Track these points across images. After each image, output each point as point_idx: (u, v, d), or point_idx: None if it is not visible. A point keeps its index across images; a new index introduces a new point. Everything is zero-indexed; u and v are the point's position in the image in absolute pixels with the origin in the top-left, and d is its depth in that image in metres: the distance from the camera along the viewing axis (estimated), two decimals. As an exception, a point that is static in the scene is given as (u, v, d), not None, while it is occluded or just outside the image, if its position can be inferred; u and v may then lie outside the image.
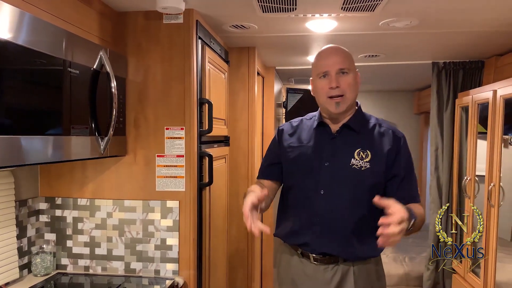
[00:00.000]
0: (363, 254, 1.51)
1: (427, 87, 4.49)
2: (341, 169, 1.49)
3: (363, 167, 1.48)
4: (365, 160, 1.48)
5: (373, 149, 1.50)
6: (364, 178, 1.47)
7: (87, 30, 1.64)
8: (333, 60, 1.50)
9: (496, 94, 2.40)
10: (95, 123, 1.56)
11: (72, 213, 1.91)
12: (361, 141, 1.52)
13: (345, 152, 1.51)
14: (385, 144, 1.51)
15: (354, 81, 1.51)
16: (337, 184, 1.49)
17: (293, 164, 1.59)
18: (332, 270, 1.52)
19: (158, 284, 1.81)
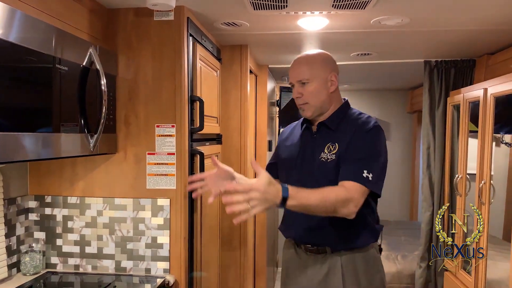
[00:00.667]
0: (347, 245, 1.58)
1: (420, 86, 4.50)
2: (312, 163, 1.60)
3: (329, 159, 1.56)
4: (332, 153, 1.57)
5: (341, 142, 1.57)
6: (328, 169, 1.55)
7: (77, 27, 1.63)
8: (295, 73, 1.63)
9: (486, 92, 2.41)
10: (84, 121, 1.55)
11: (62, 211, 1.90)
12: (333, 135, 1.61)
13: (320, 148, 1.61)
14: (350, 135, 1.56)
15: (317, 89, 1.60)
16: (309, 177, 1.59)
17: (282, 162, 1.75)
18: (320, 260, 1.61)
19: (149, 282, 1.80)
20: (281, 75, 4.07)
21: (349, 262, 1.58)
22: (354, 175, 1.48)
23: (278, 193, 1.31)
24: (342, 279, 1.57)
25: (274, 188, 1.30)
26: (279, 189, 1.31)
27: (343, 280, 1.57)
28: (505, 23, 2.13)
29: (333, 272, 1.58)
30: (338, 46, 2.72)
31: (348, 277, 1.57)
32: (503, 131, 3.17)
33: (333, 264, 1.59)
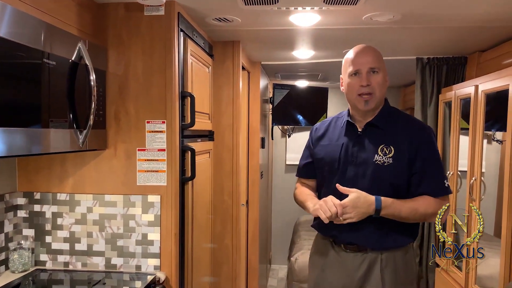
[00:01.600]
0: (387, 244, 1.61)
1: (412, 83, 4.51)
2: (365, 164, 1.59)
3: (386, 162, 1.56)
4: (388, 156, 1.57)
5: (396, 144, 1.57)
6: (387, 172, 1.56)
7: (66, 21, 1.61)
8: (365, 59, 1.59)
9: (477, 89, 2.42)
10: (73, 116, 1.53)
11: (51, 208, 1.88)
12: (385, 137, 1.60)
13: (370, 148, 1.60)
14: (408, 139, 1.58)
15: (383, 80, 1.60)
16: (361, 179, 1.59)
17: (322, 162, 1.71)
18: (360, 257, 1.62)
19: (139, 279, 1.79)
20: (274, 72, 4.06)
21: (388, 260, 1.61)
22: (440, 189, 1.59)
23: (371, 206, 1.51)
24: (381, 276, 1.60)
25: (365, 201, 1.50)
26: (371, 202, 1.51)
27: (382, 277, 1.60)
28: (496, 20, 2.14)
29: (373, 269, 1.61)
30: (330, 42, 2.72)
31: (387, 274, 1.60)
32: (495, 129, 3.19)
33: (372, 261, 1.61)
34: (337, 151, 1.66)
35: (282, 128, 4.96)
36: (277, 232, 4.99)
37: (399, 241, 1.62)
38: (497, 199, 3.28)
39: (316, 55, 3.11)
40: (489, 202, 2.98)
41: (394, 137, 1.59)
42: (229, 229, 2.76)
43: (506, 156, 2.05)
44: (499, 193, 3.33)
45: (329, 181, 1.66)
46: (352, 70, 1.60)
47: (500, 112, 2.27)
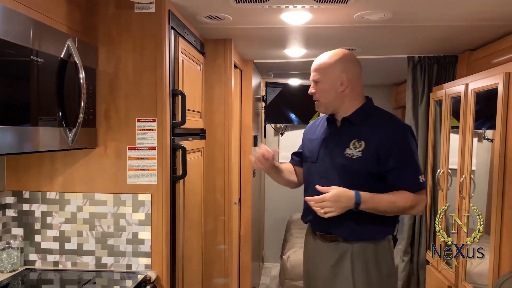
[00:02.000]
0: (359, 236, 1.70)
1: (404, 82, 4.53)
2: (337, 157, 1.72)
3: (354, 155, 1.67)
4: (358, 150, 1.67)
5: (368, 139, 1.67)
6: (354, 165, 1.67)
7: (55, 18, 1.59)
8: (312, 71, 1.78)
9: (467, 87, 2.44)
10: (63, 114, 1.52)
11: (41, 207, 1.86)
12: (359, 132, 1.71)
13: (343, 142, 1.72)
14: (380, 135, 1.67)
15: (326, 88, 1.74)
16: (333, 170, 1.72)
17: (305, 154, 1.89)
18: (334, 247, 1.73)
19: (130, 278, 1.78)
20: (266, 70, 4.06)
21: (359, 251, 1.70)
22: (416, 185, 1.68)
23: (351, 200, 1.61)
24: (351, 267, 1.69)
25: (345, 196, 1.61)
26: (351, 197, 1.61)
27: (352, 268, 1.69)
28: (486, 19, 2.16)
29: (343, 260, 1.71)
30: (322, 41, 2.72)
31: (358, 266, 1.69)
32: (485, 127, 3.22)
33: (343, 252, 1.71)
34: (318, 144, 1.81)
35: (275, 126, 4.96)
36: (269, 230, 5.00)
37: (371, 234, 1.71)
38: (487, 197, 3.31)
39: (308, 54, 3.11)
40: (479, 200, 3.01)
41: (368, 133, 1.69)
42: (221, 227, 2.75)
43: (495, 154, 2.07)
44: (489, 191, 3.36)
45: (308, 170, 1.86)
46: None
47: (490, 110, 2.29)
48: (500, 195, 2.05)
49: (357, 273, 1.69)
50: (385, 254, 1.75)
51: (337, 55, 1.75)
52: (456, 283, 2.53)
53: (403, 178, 1.67)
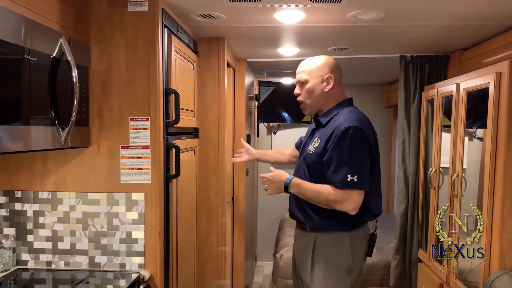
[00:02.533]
0: (319, 226, 1.87)
1: (396, 81, 4.56)
2: (304, 154, 1.94)
3: (310, 151, 1.89)
4: (314, 146, 1.88)
5: (322, 138, 1.84)
6: (309, 160, 1.88)
7: (47, 16, 1.58)
8: (297, 72, 1.93)
9: (459, 87, 2.46)
10: (55, 113, 1.51)
11: (33, 206, 1.85)
12: (322, 132, 1.89)
13: (311, 141, 1.94)
14: (329, 133, 1.81)
15: (312, 89, 1.89)
16: (300, 165, 1.97)
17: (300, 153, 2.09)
18: (304, 235, 1.95)
19: (124, 278, 1.78)
20: (259, 69, 4.06)
21: (321, 240, 1.88)
22: (341, 181, 1.74)
23: (281, 182, 1.86)
24: (313, 253, 1.88)
25: (279, 178, 1.86)
26: (283, 180, 1.85)
27: (313, 254, 1.88)
28: (477, 19, 2.18)
29: (308, 247, 1.90)
30: (315, 40, 2.73)
31: (318, 253, 1.88)
32: (476, 126, 3.25)
33: (309, 240, 1.91)
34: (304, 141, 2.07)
35: (268, 125, 4.97)
36: (262, 229, 5.00)
37: (332, 226, 1.85)
38: (478, 196, 3.35)
39: (301, 53, 3.12)
40: (470, 199, 3.04)
41: (325, 132, 1.84)
42: (214, 226, 2.75)
43: (486, 153, 2.10)
44: (480, 190, 3.40)
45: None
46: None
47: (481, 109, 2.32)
48: (491, 194, 2.07)
49: (317, 263, 1.87)
50: (343, 247, 1.86)
51: (323, 58, 1.93)
52: (448, 281, 2.56)
53: (330, 172, 1.77)
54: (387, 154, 5.36)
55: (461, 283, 2.39)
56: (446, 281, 2.58)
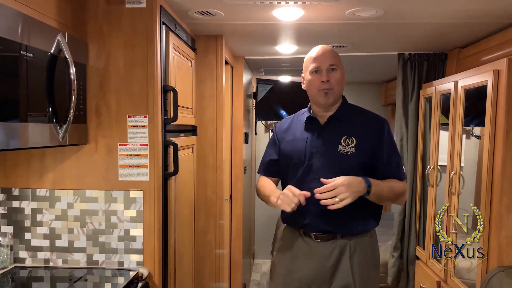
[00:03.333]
0: (357, 230, 1.74)
1: (393, 79, 4.56)
2: (330, 155, 1.71)
3: (349, 152, 1.69)
4: (350, 146, 1.70)
5: (358, 135, 1.71)
6: (351, 161, 1.68)
7: (44, 13, 1.57)
8: (325, 57, 1.72)
9: (457, 85, 2.46)
10: (53, 110, 1.50)
11: (31, 204, 1.84)
12: (346, 129, 1.73)
13: (333, 140, 1.72)
14: (368, 130, 1.73)
15: (341, 77, 1.74)
16: (328, 168, 1.70)
17: (289, 156, 1.80)
18: (331, 245, 1.72)
19: (122, 275, 1.77)
20: (257, 66, 4.05)
21: (357, 245, 1.73)
22: (403, 173, 1.77)
23: (362, 184, 1.58)
24: (350, 262, 1.71)
25: (355, 180, 1.57)
26: (361, 181, 1.59)
27: (351, 262, 1.71)
28: (475, 17, 2.18)
29: (343, 256, 1.72)
30: (313, 37, 2.72)
31: (356, 259, 1.72)
32: (473, 124, 3.25)
33: (342, 248, 1.72)
34: (303, 144, 1.77)
35: (266, 123, 4.97)
36: (260, 227, 5.01)
37: (365, 227, 1.76)
38: (475, 193, 3.36)
39: (299, 50, 3.11)
40: (467, 196, 3.05)
41: (355, 129, 1.73)
42: (212, 224, 2.75)
43: (484, 151, 2.10)
44: (477, 187, 3.41)
45: (295, 173, 1.77)
46: (313, 67, 1.72)
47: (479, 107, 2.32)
48: (489, 192, 2.08)
49: (355, 267, 1.71)
50: (376, 244, 1.82)
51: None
52: (445, 279, 2.57)
53: (393, 167, 1.74)
54: (384, 152, 5.35)
55: (458, 281, 2.40)
56: (444, 279, 2.59)
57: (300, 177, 1.75)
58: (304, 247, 1.77)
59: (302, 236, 1.78)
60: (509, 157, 1.98)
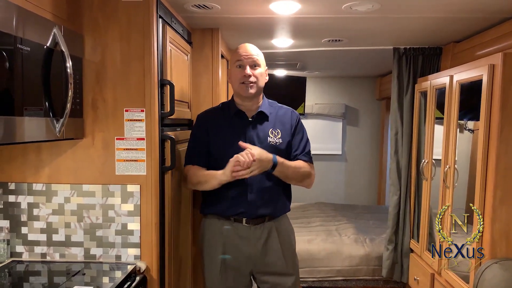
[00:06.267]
0: (281, 212, 1.99)
1: (388, 73, 4.59)
2: (263, 147, 1.86)
3: (277, 142, 1.93)
4: (277, 137, 1.93)
5: (281, 127, 1.95)
6: (280, 150, 1.91)
7: (40, 5, 1.55)
8: (250, 54, 1.91)
9: (452, 79, 2.48)
10: (49, 104, 1.48)
11: (27, 198, 1.83)
12: (271, 122, 1.96)
13: (262, 132, 1.93)
14: (287, 121, 1.97)
15: (262, 75, 1.94)
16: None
17: (220, 148, 1.93)
18: (260, 229, 1.94)
19: (119, 269, 1.77)
20: (252, 60, 4.04)
21: (280, 225, 1.99)
22: (308, 157, 1.99)
23: (270, 161, 1.80)
24: (279, 240, 1.96)
25: (266, 156, 1.79)
26: (270, 158, 1.80)
27: (280, 241, 1.96)
28: (470, 11, 2.19)
29: (272, 236, 1.95)
30: (310, 31, 2.72)
31: (282, 238, 1.97)
32: (467, 118, 3.28)
33: (270, 229, 1.95)
34: (232, 137, 1.89)
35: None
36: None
37: (284, 210, 2.00)
38: (468, 187, 3.40)
39: (295, 44, 3.11)
40: (460, 189, 3.08)
41: (277, 122, 1.96)
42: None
43: (478, 145, 2.12)
44: (470, 180, 3.45)
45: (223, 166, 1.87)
46: (238, 63, 1.91)
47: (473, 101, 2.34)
48: (483, 185, 2.10)
49: (283, 244, 1.97)
50: (290, 225, 2.08)
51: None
52: (439, 271, 2.60)
53: (300, 150, 1.98)
54: (379, 146, 5.40)
55: (452, 273, 2.43)
56: (438, 271, 2.62)
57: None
58: (233, 234, 1.94)
59: (232, 222, 1.94)
60: (503, 152, 2.01)
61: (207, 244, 2.01)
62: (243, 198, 1.90)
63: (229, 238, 1.95)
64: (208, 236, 2.01)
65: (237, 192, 1.90)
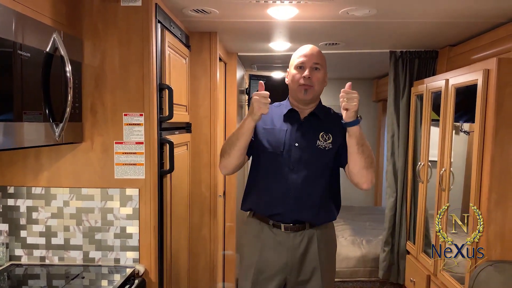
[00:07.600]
0: (324, 220, 1.86)
1: (385, 75, 4.61)
2: (309, 148, 1.80)
3: (327, 147, 1.81)
4: (328, 142, 1.81)
5: (332, 132, 1.83)
6: (329, 156, 1.81)
7: (39, 11, 1.56)
8: (312, 55, 1.80)
9: (448, 83, 2.50)
10: (49, 109, 1.50)
11: (26, 202, 1.84)
12: (323, 126, 1.84)
13: (312, 135, 1.82)
14: (339, 127, 1.78)
15: (323, 78, 1.83)
16: (306, 161, 1.79)
17: (267, 144, 1.84)
18: (299, 236, 1.82)
19: (118, 272, 1.78)
20: (250, 62, 4.06)
21: (322, 234, 1.85)
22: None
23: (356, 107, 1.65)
24: (318, 249, 1.82)
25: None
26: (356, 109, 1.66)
27: (319, 250, 1.82)
28: (466, 16, 2.22)
29: (311, 244, 1.82)
30: (306, 35, 2.74)
31: (322, 247, 1.83)
32: (462, 120, 3.31)
33: (310, 237, 1.82)
34: (282, 135, 1.82)
35: (258, 119, 4.97)
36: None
37: (328, 217, 1.88)
38: (464, 189, 3.42)
39: (292, 47, 3.13)
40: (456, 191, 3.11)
41: (330, 127, 1.83)
42: (206, 220, 2.77)
43: (474, 148, 2.15)
44: (466, 182, 3.47)
45: (271, 162, 1.82)
46: (299, 63, 1.80)
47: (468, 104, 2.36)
48: (478, 188, 2.12)
49: (322, 254, 1.83)
50: (334, 234, 1.97)
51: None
52: (435, 272, 2.62)
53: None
54: (375, 147, 5.42)
55: (447, 275, 2.46)
56: (434, 273, 2.64)
57: (276, 168, 1.81)
58: (272, 239, 1.84)
59: (271, 227, 1.84)
60: (498, 155, 2.03)
61: (246, 249, 1.94)
62: (282, 199, 1.80)
63: (267, 243, 1.85)
64: (245, 240, 1.95)
65: (278, 191, 1.80)
